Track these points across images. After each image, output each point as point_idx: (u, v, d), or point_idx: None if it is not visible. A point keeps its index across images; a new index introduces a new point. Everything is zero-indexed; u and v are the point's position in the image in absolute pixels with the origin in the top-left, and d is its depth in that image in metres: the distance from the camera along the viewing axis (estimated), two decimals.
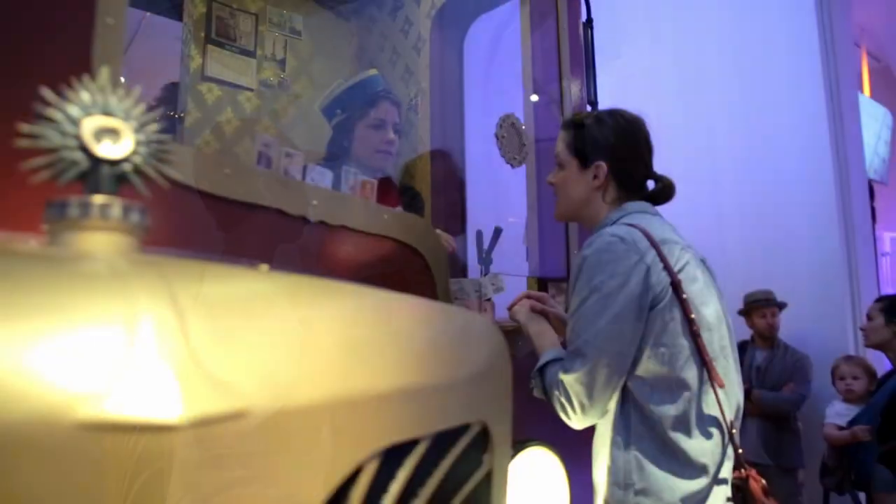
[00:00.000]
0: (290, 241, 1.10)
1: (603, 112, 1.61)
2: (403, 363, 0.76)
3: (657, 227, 1.46)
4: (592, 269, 1.37)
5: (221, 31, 2.18)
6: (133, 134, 0.73)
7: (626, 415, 1.38)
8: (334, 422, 0.64)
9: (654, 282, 1.36)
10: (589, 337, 1.34)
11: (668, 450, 1.35)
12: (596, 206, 1.55)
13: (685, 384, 1.36)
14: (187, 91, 2.13)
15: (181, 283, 0.59)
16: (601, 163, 1.53)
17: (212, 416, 0.51)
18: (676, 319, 1.37)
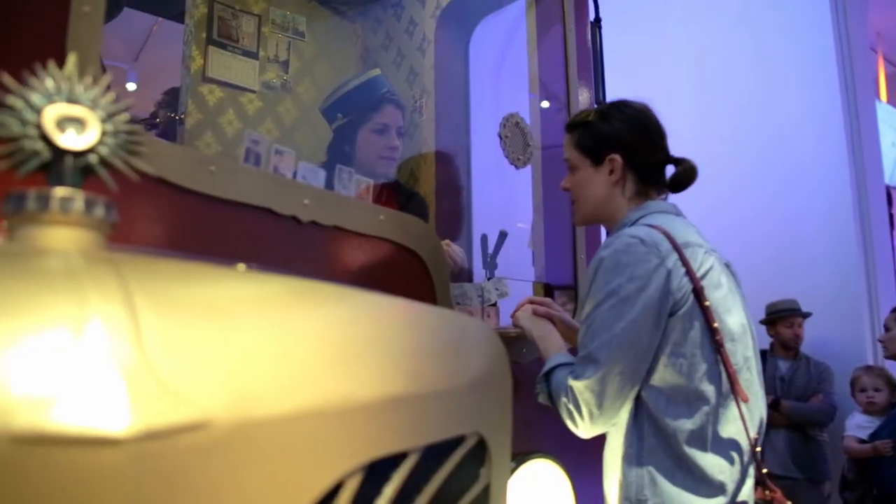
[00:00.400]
0: (280, 241, 1.05)
1: (605, 106, 1.54)
2: (390, 370, 0.70)
3: (680, 229, 1.38)
4: (610, 272, 1.30)
5: (223, 32, 2.14)
6: (100, 123, 0.68)
7: (640, 426, 1.31)
8: (310, 434, 0.59)
9: (675, 287, 1.29)
10: (603, 342, 1.27)
11: (683, 465, 1.27)
12: (617, 203, 1.48)
13: (704, 397, 1.29)
14: (188, 93, 2.10)
15: (139, 281, 0.54)
16: (614, 155, 1.45)
17: (164, 428, 0.46)
18: (697, 328, 1.30)
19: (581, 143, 1.50)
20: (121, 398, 0.45)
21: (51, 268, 0.54)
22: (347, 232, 1.16)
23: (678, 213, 1.48)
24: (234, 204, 0.99)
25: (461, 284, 1.69)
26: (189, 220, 0.94)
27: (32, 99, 0.65)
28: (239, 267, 0.76)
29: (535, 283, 1.90)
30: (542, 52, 2.02)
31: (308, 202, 1.09)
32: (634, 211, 1.45)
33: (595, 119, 1.50)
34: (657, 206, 1.46)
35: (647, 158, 1.47)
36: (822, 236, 4.18)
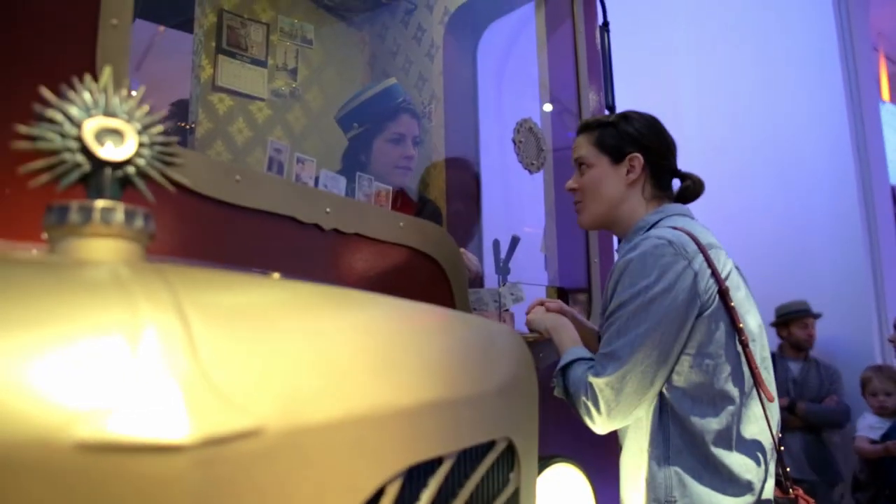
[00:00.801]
0: (303, 249, 1.06)
1: (627, 112, 1.56)
2: (426, 376, 0.71)
3: (700, 231, 1.40)
4: (637, 273, 1.30)
5: (232, 41, 2.16)
6: (136, 135, 0.69)
7: (665, 427, 1.31)
8: (355, 440, 0.60)
9: (702, 289, 1.30)
10: (627, 341, 1.28)
11: (711, 465, 1.28)
12: (632, 204, 1.48)
13: (729, 397, 1.30)
14: (198, 102, 2.11)
15: (187, 291, 0.55)
16: (637, 154, 1.46)
17: (222, 435, 0.47)
18: (722, 329, 1.31)
19: (601, 141, 1.50)
20: (180, 406, 0.46)
21: (99, 278, 0.55)
22: (368, 239, 1.17)
23: (693, 216, 1.49)
24: (259, 213, 1.00)
25: (477, 290, 1.70)
26: (216, 229, 0.95)
27: (72, 112, 0.66)
28: (273, 275, 0.77)
29: (549, 288, 1.91)
30: (550, 57, 2.03)
31: (330, 210, 1.09)
32: (652, 214, 1.46)
33: (617, 120, 1.51)
34: (674, 208, 1.47)
35: (663, 163, 1.49)
36: (827, 236, 4.19)
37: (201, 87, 2.12)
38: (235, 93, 2.17)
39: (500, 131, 1.79)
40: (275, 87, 2.30)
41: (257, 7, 2.26)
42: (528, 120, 1.75)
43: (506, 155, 1.82)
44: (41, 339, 0.47)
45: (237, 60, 2.17)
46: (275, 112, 2.30)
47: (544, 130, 1.91)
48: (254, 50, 2.21)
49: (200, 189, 0.91)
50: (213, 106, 2.15)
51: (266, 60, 2.25)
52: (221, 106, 2.16)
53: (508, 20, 2.38)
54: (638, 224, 1.46)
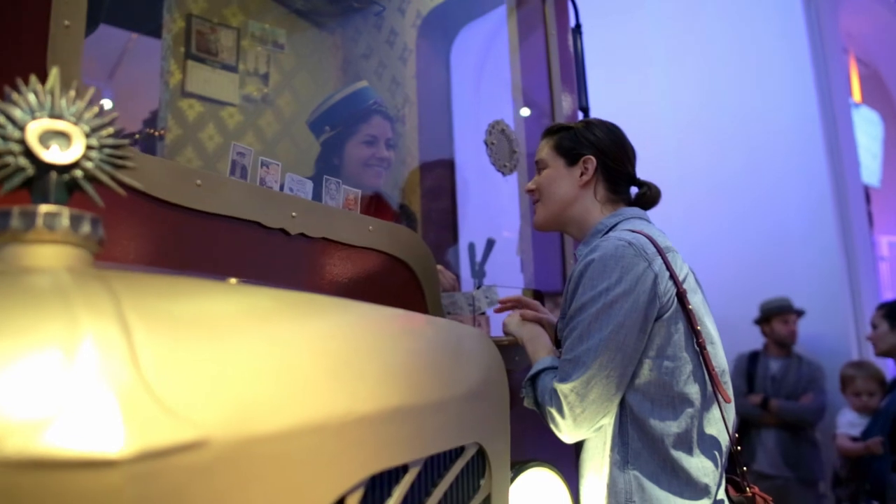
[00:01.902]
0: (268, 254, 1.04)
1: (589, 119, 1.59)
2: (389, 381, 0.69)
3: (657, 234, 1.40)
4: (598, 275, 1.30)
5: (202, 46, 2.13)
6: (84, 138, 0.67)
7: (624, 431, 1.30)
8: (311, 449, 0.57)
9: (662, 291, 1.30)
10: (591, 346, 1.26)
11: (669, 468, 1.28)
12: (584, 205, 1.49)
13: (688, 399, 1.30)
14: (167, 108, 2.08)
15: (132, 299, 0.52)
16: (590, 156, 1.48)
17: (161, 447, 0.45)
18: (681, 331, 1.31)
19: (559, 145, 1.52)
20: (116, 418, 0.43)
21: (39, 286, 0.52)
22: (336, 243, 1.15)
23: (650, 221, 1.50)
24: (221, 218, 0.97)
25: (451, 294, 1.68)
26: (176, 235, 0.92)
27: (15, 114, 0.64)
28: (231, 281, 0.75)
29: (525, 290, 1.90)
30: (523, 60, 2.02)
31: (296, 214, 1.07)
32: (609, 217, 1.46)
33: (577, 126, 1.54)
34: (631, 211, 1.48)
35: (619, 168, 1.51)
36: (803, 236, 4.23)
37: (170, 92, 2.09)
38: (205, 98, 2.14)
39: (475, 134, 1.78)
40: (246, 93, 2.27)
41: (227, 12, 2.24)
42: (500, 122, 1.74)
43: (481, 158, 1.80)
44: None
45: (207, 66, 2.14)
46: (246, 118, 2.27)
47: (518, 133, 1.90)
48: (224, 55, 2.18)
49: (158, 194, 0.89)
50: (183, 112, 2.12)
51: (237, 65, 2.22)
52: (191, 112, 2.13)
53: (482, 23, 2.38)
54: (596, 227, 1.46)
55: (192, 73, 2.09)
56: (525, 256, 1.93)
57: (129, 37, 2.73)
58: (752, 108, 4.47)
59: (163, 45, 2.10)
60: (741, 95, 4.53)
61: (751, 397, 3.89)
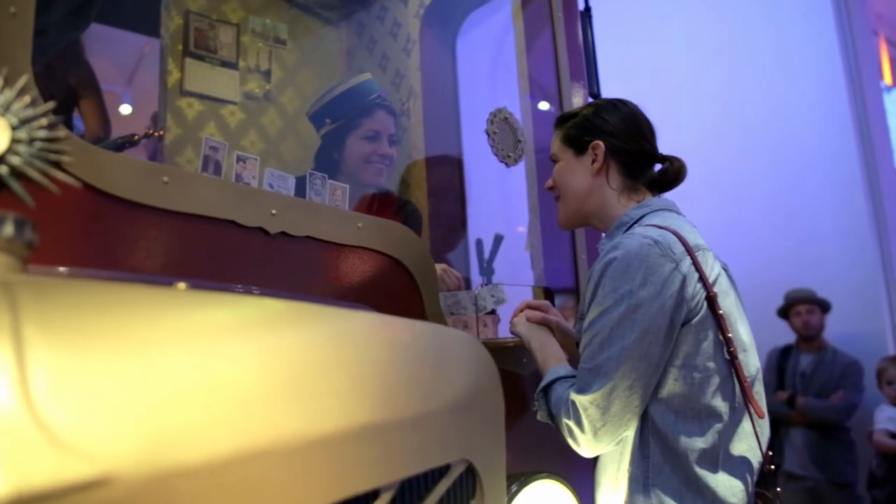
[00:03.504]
0: (246, 256, 0.97)
1: (597, 101, 1.48)
2: (355, 397, 0.62)
3: (687, 230, 1.28)
4: (620, 276, 1.19)
5: (200, 44, 2.07)
6: (9, 130, 0.60)
7: (645, 445, 1.20)
8: (251, 480, 0.50)
9: (690, 294, 1.19)
10: (613, 354, 1.16)
11: (693, 487, 1.17)
12: (602, 195, 1.38)
13: (716, 413, 1.19)
14: (166, 107, 2.03)
15: (37, 311, 0.45)
16: (597, 141, 1.38)
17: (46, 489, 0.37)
18: (710, 338, 1.20)
19: (566, 135, 1.43)
20: None
21: None
22: (322, 242, 1.07)
23: (680, 212, 1.38)
24: (191, 217, 0.90)
25: (455, 293, 1.60)
26: (140, 237, 0.86)
27: None
28: (179, 286, 0.68)
29: (535, 288, 1.81)
30: (531, 47, 1.93)
31: (276, 212, 1.00)
32: (636, 208, 1.35)
33: (584, 112, 1.44)
34: (659, 202, 1.37)
35: (631, 148, 1.39)
36: (834, 227, 4.08)
37: (169, 92, 2.04)
38: (205, 97, 2.09)
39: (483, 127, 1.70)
40: (247, 90, 2.21)
41: (226, 8, 2.18)
42: (502, 110, 1.65)
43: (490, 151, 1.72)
44: None
45: (206, 63, 2.08)
46: (248, 116, 2.22)
47: (526, 123, 1.81)
48: (223, 52, 2.12)
49: (118, 192, 0.82)
50: (182, 111, 2.07)
51: (237, 62, 2.16)
52: (190, 111, 2.08)
53: (488, 10, 2.29)
54: (620, 219, 1.35)
55: (190, 71, 2.04)
56: (534, 252, 1.84)
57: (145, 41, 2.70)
58: (779, 94, 4.32)
59: (161, 43, 2.05)
60: (767, 82, 4.38)
61: (778, 394, 3.75)
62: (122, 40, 2.52)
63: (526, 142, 1.75)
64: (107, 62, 2.54)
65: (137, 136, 2.02)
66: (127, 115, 2.85)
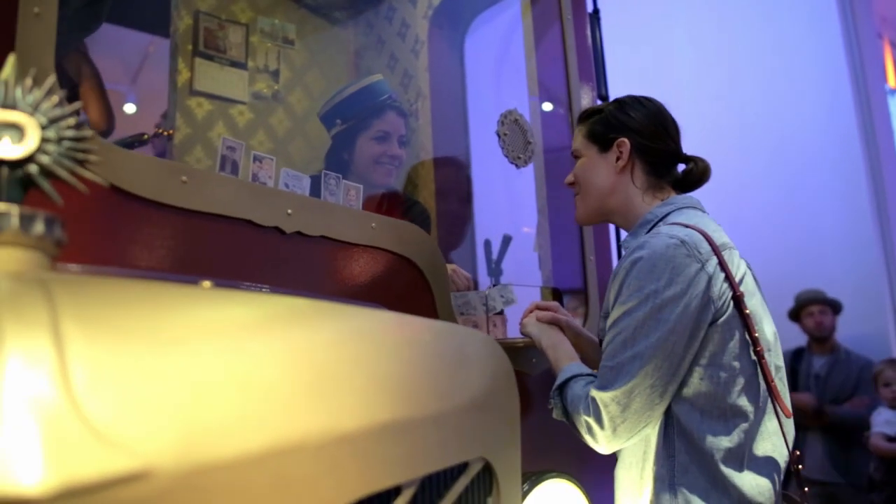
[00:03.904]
0: (262, 255, 0.98)
1: (621, 97, 1.47)
2: (379, 395, 0.62)
3: (713, 229, 1.29)
4: (646, 275, 1.19)
5: (210, 44, 2.08)
6: (39, 130, 0.61)
7: (670, 443, 1.21)
8: (282, 476, 0.51)
9: (716, 294, 1.19)
10: (636, 353, 1.17)
11: (720, 486, 1.17)
12: (626, 193, 1.39)
13: (742, 412, 1.20)
14: (176, 107, 2.04)
15: (74, 307, 0.46)
16: (623, 139, 1.37)
17: (92, 481, 0.38)
18: (737, 338, 1.20)
19: (591, 131, 1.43)
20: (35, 448, 0.37)
21: None
22: (336, 242, 1.08)
23: (704, 210, 1.39)
24: (209, 216, 0.91)
25: (464, 293, 1.61)
26: (160, 235, 0.87)
27: None
28: (204, 284, 0.69)
29: (543, 288, 1.82)
30: (540, 48, 1.94)
31: (291, 212, 1.01)
32: (661, 206, 1.35)
33: (609, 108, 1.43)
34: (684, 200, 1.37)
35: (657, 146, 1.38)
36: (838, 229, 4.08)
37: (178, 91, 2.05)
38: (214, 97, 2.10)
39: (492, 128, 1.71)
40: (256, 90, 2.22)
41: (235, 8, 2.19)
42: (513, 111, 1.66)
43: (497, 152, 1.73)
44: None
45: (215, 63, 2.09)
46: (256, 115, 2.23)
47: (534, 124, 1.82)
48: (232, 52, 2.13)
49: (139, 191, 0.83)
50: (192, 111, 2.08)
51: (246, 62, 2.17)
52: (200, 111, 2.09)
53: (497, 11, 2.30)
54: (645, 217, 1.36)
55: (200, 71, 2.05)
56: (543, 253, 1.85)
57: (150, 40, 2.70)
58: (783, 97, 4.33)
59: (170, 43, 2.06)
60: (771, 84, 4.39)
61: (797, 396, 3.61)
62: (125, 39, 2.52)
63: (535, 143, 1.75)
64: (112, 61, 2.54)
65: (147, 135, 2.03)
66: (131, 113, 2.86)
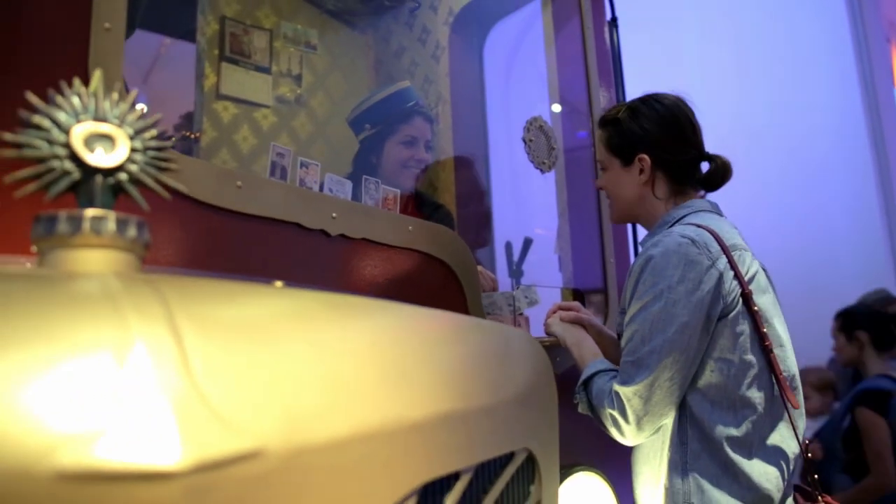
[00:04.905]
0: (309, 256, 1.02)
1: (636, 101, 1.48)
2: (439, 387, 0.67)
3: (726, 230, 1.34)
4: (659, 272, 1.25)
5: (236, 49, 2.13)
6: (128, 140, 0.66)
7: (684, 431, 1.27)
8: (364, 458, 0.56)
9: (726, 290, 1.25)
10: (654, 347, 1.22)
11: (730, 472, 1.23)
12: (649, 204, 1.44)
13: (751, 404, 1.25)
14: (202, 110, 2.09)
15: (181, 304, 0.51)
16: (643, 155, 1.41)
17: (218, 459, 0.43)
18: (746, 333, 1.26)
19: (610, 142, 1.47)
20: (172, 429, 0.42)
21: (87, 291, 0.51)
22: (376, 244, 1.13)
23: (720, 213, 1.43)
24: (261, 219, 0.96)
25: (490, 294, 1.66)
26: (218, 237, 0.91)
27: (60, 118, 0.63)
28: (276, 284, 0.73)
29: (564, 289, 1.87)
30: (559, 54, 1.99)
31: (336, 215, 1.06)
32: (678, 208, 1.41)
33: (624, 116, 1.46)
34: (700, 204, 1.42)
35: (677, 157, 1.43)
36: (847, 233, 4.11)
37: (205, 95, 2.10)
38: (240, 100, 2.15)
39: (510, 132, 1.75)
40: (279, 94, 2.27)
41: (260, 14, 2.24)
42: (538, 118, 1.71)
43: (516, 156, 1.78)
44: (22, 359, 0.44)
45: (241, 68, 2.14)
46: (280, 119, 2.28)
47: (555, 129, 1.86)
48: (257, 57, 2.18)
49: (200, 196, 0.88)
50: (218, 114, 2.13)
51: (270, 67, 2.22)
52: (226, 114, 2.14)
53: (515, 18, 2.35)
54: (664, 218, 1.41)
55: (226, 76, 2.10)
56: (563, 255, 1.90)
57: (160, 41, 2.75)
58: (793, 101, 4.36)
59: (197, 48, 2.11)
60: (781, 89, 4.43)
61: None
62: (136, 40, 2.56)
63: (558, 148, 1.80)
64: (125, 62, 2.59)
65: (174, 136, 2.08)
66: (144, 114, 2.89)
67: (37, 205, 0.63)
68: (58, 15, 0.84)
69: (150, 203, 0.84)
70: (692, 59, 4.75)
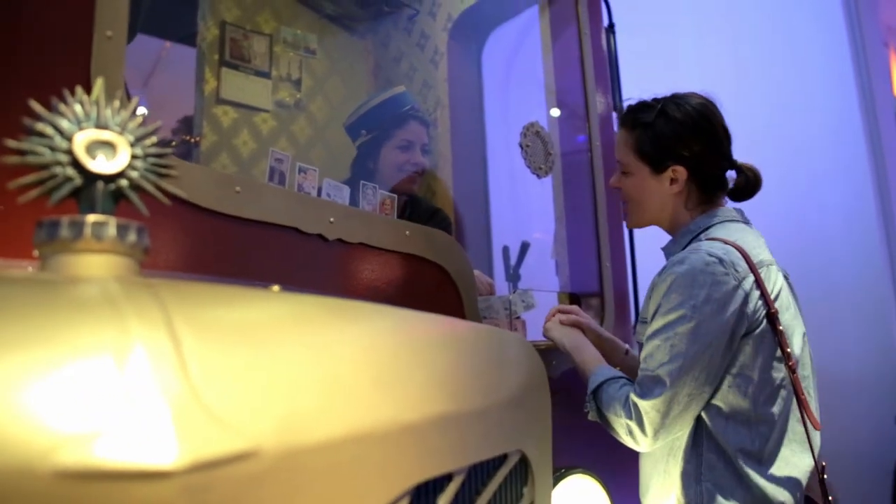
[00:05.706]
0: (307, 260, 1.04)
1: (666, 101, 1.42)
2: (433, 389, 0.69)
3: (752, 243, 1.33)
4: (685, 290, 1.24)
5: (235, 53, 2.15)
6: (129, 147, 0.67)
7: (698, 443, 1.27)
8: (358, 459, 0.57)
9: (751, 311, 1.25)
10: (676, 366, 1.22)
11: (744, 483, 1.24)
12: (677, 214, 1.42)
13: (766, 421, 1.26)
14: (202, 115, 2.10)
15: (179, 308, 0.52)
16: (678, 167, 1.38)
17: (214, 458, 0.44)
18: (768, 351, 1.26)
19: (640, 147, 1.41)
20: (168, 429, 0.43)
21: (88, 295, 0.53)
22: (374, 248, 1.14)
23: (747, 221, 1.42)
24: (260, 224, 0.98)
25: (487, 297, 1.67)
26: (216, 242, 0.93)
27: (62, 125, 0.64)
28: (274, 288, 0.75)
29: (561, 294, 1.88)
30: (556, 60, 2.00)
31: (333, 220, 1.07)
32: (704, 217, 1.40)
33: (656, 119, 1.40)
34: (726, 213, 1.41)
35: (712, 168, 1.40)
36: (844, 239, 4.11)
37: (205, 100, 2.11)
38: (239, 105, 2.16)
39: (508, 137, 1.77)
40: (279, 99, 2.28)
41: (260, 19, 2.26)
42: (534, 124, 1.72)
43: (514, 160, 1.79)
44: (25, 361, 0.45)
45: (241, 72, 2.16)
46: (279, 123, 2.29)
47: (552, 135, 1.88)
48: (257, 61, 2.20)
49: (199, 201, 0.89)
50: (218, 119, 2.14)
51: (269, 71, 2.24)
52: (226, 119, 2.15)
53: (513, 24, 2.36)
54: (689, 227, 1.40)
55: (226, 80, 2.12)
56: (560, 259, 1.91)
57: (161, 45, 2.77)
58: (789, 105, 4.37)
59: (197, 52, 2.12)
60: (778, 94, 4.43)
61: None
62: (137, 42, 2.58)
63: (555, 153, 1.82)
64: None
65: (175, 141, 2.10)
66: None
67: (39, 210, 0.64)
68: (60, 23, 0.85)
69: (149, 208, 0.86)
70: (689, 64, 4.76)
